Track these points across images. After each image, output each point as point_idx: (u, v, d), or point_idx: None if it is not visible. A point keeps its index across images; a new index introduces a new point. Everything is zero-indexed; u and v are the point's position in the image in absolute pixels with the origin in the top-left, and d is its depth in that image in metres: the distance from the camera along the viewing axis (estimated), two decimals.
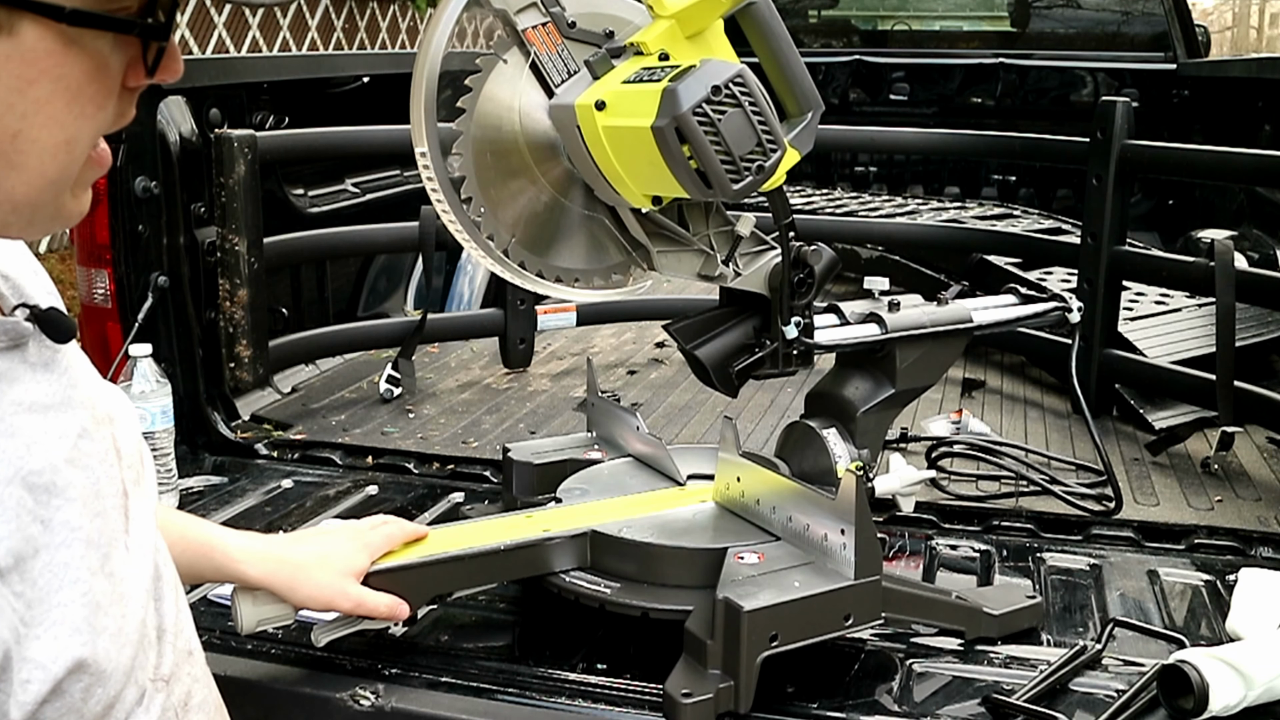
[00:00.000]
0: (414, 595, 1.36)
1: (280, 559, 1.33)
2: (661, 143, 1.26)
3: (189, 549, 1.25)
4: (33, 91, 0.72)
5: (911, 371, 1.61)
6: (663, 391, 2.65)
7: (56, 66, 0.73)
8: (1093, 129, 2.46)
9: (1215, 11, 20.84)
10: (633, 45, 1.42)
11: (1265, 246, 3.23)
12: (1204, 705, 1.23)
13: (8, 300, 0.86)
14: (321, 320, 2.83)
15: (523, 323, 2.78)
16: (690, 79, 1.26)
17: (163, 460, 1.82)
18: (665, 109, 1.25)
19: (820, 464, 1.56)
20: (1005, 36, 4.72)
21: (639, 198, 1.41)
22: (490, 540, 1.42)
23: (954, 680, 1.35)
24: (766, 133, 1.29)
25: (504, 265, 1.44)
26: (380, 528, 1.43)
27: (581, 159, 1.41)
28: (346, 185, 3.05)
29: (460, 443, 2.25)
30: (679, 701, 1.20)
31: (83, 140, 0.77)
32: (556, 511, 1.53)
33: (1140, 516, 1.92)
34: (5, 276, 0.88)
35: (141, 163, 2.22)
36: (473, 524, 1.52)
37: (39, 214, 0.78)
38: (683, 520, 1.50)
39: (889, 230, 3.24)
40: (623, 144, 1.33)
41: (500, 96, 1.42)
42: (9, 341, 0.81)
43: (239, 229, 2.24)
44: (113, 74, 0.76)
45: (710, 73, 1.27)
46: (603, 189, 1.44)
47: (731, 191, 1.29)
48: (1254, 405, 2.18)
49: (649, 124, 1.26)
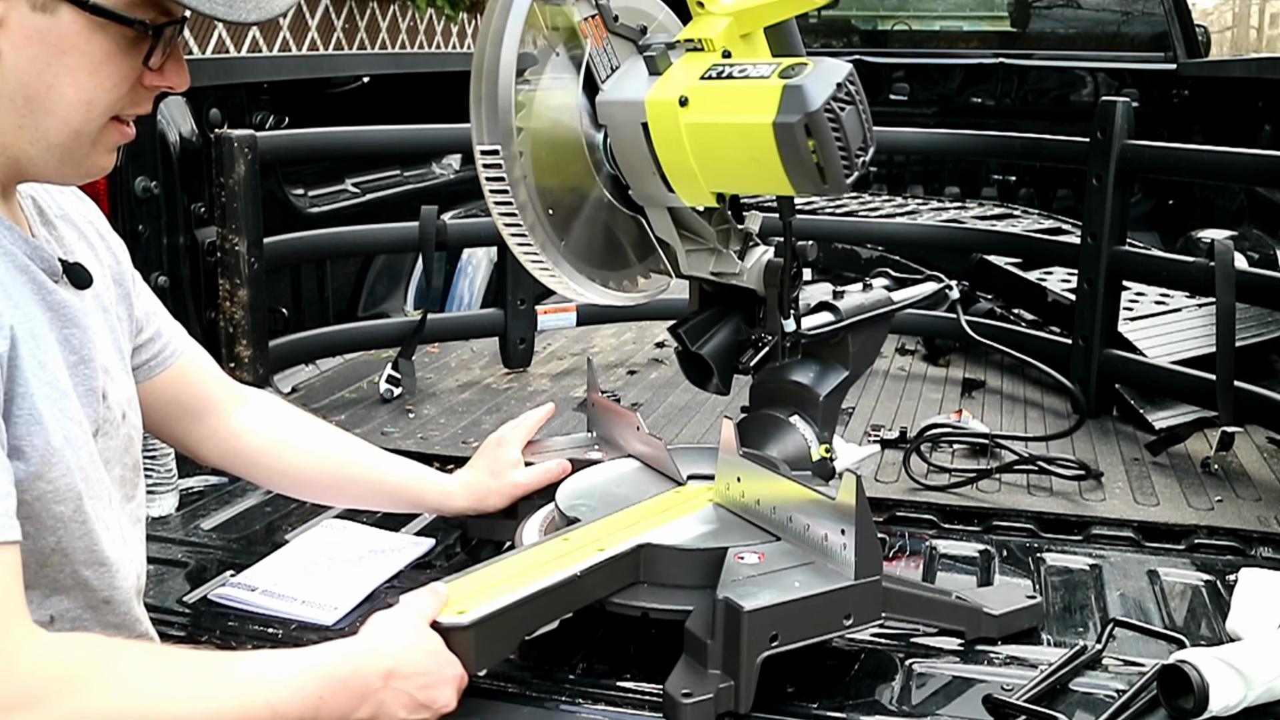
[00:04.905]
0: (511, 637, 1.26)
1: (469, 484, 1.61)
2: (786, 139, 1.27)
3: (403, 492, 1.59)
4: (65, 59, 0.98)
5: (861, 354, 1.64)
6: (663, 391, 2.65)
7: (84, 43, 0.98)
8: (1093, 129, 2.46)
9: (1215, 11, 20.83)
10: (688, 41, 1.41)
11: (1265, 246, 3.23)
12: (1204, 705, 1.23)
13: (54, 248, 1.12)
14: (321, 320, 2.84)
15: (523, 323, 2.78)
16: (814, 77, 1.28)
17: (163, 460, 1.82)
18: (792, 105, 1.26)
19: (790, 451, 1.57)
20: (1005, 36, 4.72)
21: (704, 195, 1.40)
22: (552, 568, 1.30)
23: (954, 680, 1.35)
24: (870, 129, 1.32)
25: (557, 270, 1.41)
26: (510, 435, 1.66)
27: (632, 156, 1.39)
28: (346, 185, 3.05)
29: (460, 443, 2.25)
30: (679, 701, 1.20)
31: (99, 104, 1.01)
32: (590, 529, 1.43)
33: (1140, 516, 1.92)
34: (55, 229, 1.15)
35: (142, 163, 2.22)
36: (517, 556, 1.38)
37: (68, 158, 1.03)
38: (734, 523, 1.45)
39: (889, 230, 3.24)
40: (712, 140, 1.33)
41: (554, 92, 1.38)
42: (49, 273, 1.07)
43: (239, 229, 2.24)
44: (129, 61, 1.01)
45: (832, 71, 1.29)
46: (648, 188, 1.42)
47: (844, 186, 1.31)
48: (1254, 405, 2.18)
49: (769, 120, 1.27)
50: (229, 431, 1.46)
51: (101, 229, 1.25)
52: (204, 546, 1.72)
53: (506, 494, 1.62)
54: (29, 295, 1.04)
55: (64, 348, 1.07)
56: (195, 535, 1.76)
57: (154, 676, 0.98)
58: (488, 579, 1.29)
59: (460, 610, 1.20)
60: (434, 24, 8.53)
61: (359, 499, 1.64)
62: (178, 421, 1.42)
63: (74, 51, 0.98)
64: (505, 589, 1.26)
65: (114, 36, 0.99)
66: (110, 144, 1.06)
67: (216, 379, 1.47)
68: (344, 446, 1.58)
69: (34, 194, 1.15)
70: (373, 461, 1.59)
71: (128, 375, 1.23)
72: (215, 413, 1.45)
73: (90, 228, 1.23)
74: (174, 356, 1.37)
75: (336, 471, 1.55)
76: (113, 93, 1.01)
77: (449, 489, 1.62)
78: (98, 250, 1.22)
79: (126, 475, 1.19)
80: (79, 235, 1.19)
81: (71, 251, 1.15)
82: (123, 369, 1.21)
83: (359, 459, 1.58)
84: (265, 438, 1.49)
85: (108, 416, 1.13)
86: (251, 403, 1.51)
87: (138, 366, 1.31)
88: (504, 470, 1.63)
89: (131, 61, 1.01)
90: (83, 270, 1.12)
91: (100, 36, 0.98)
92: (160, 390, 1.36)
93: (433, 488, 1.62)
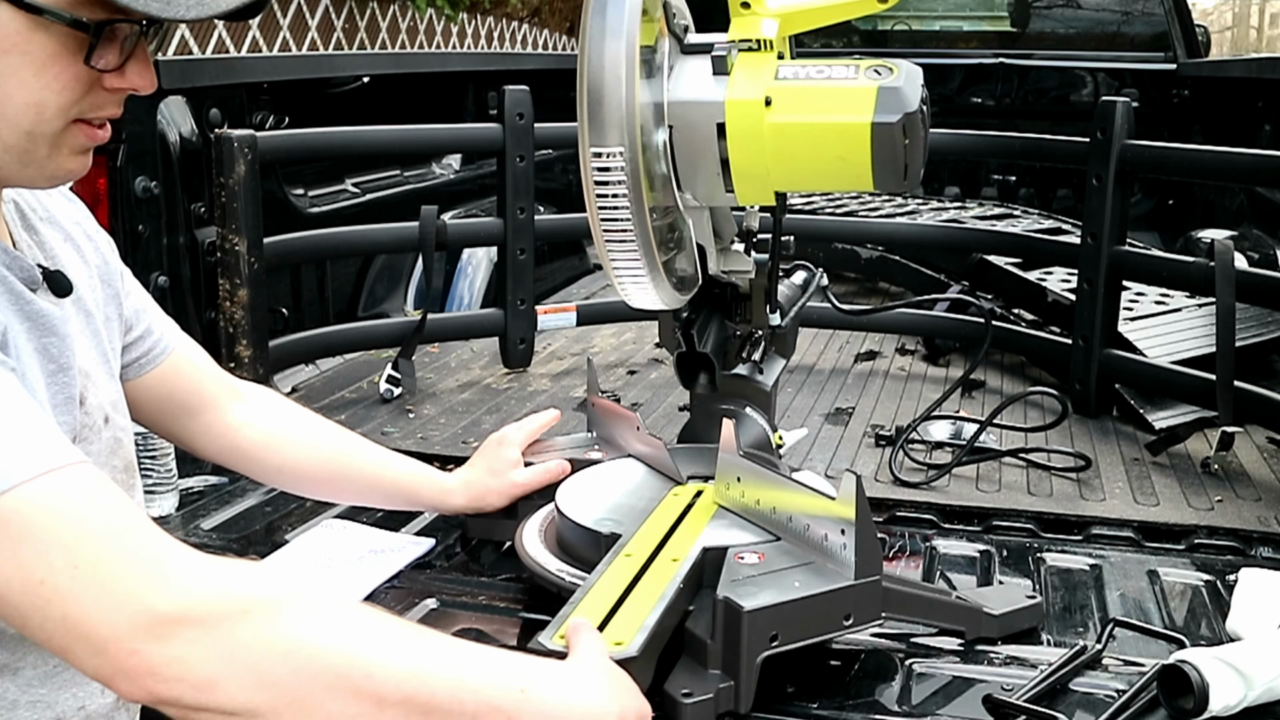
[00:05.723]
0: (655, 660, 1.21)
1: (467, 482, 1.62)
2: (884, 138, 1.32)
3: (400, 488, 1.59)
4: (7, 59, 0.94)
5: (790, 343, 1.73)
6: (663, 391, 2.65)
7: (25, 43, 0.94)
8: (1093, 129, 2.45)
9: (1215, 11, 20.85)
10: (743, 41, 1.42)
11: (1265, 246, 3.23)
12: (1204, 705, 1.23)
13: (36, 254, 1.11)
14: (321, 320, 2.83)
15: (523, 323, 2.78)
16: (906, 81, 1.34)
17: (163, 460, 1.82)
18: (890, 106, 1.32)
19: (752, 440, 1.62)
20: (1005, 36, 4.72)
21: (765, 194, 1.43)
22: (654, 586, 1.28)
23: (954, 680, 1.35)
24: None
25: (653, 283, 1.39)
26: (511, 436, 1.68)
27: (697, 155, 1.40)
28: (346, 185, 3.05)
29: (460, 443, 2.25)
30: (679, 701, 1.20)
31: (49, 106, 0.97)
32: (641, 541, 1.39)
33: (1140, 516, 1.92)
34: (38, 234, 1.13)
35: (142, 163, 2.22)
36: (605, 578, 1.31)
37: (28, 161, 1.00)
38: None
39: (889, 230, 3.24)
40: (797, 139, 1.37)
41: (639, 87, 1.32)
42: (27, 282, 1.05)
43: (239, 229, 2.24)
44: (78, 61, 0.96)
45: (917, 75, 1.36)
46: (704, 187, 1.43)
47: (919, 183, 1.39)
48: (1254, 405, 2.18)
49: (866, 121, 1.32)
50: (224, 427, 1.46)
51: (89, 229, 1.24)
52: (204, 546, 1.70)
53: (505, 493, 1.62)
54: (6, 305, 1.02)
55: (42, 357, 1.06)
56: (195, 535, 1.76)
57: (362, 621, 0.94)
58: (602, 605, 1.24)
59: (618, 642, 1.17)
60: (434, 24, 8.53)
61: (356, 495, 1.64)
62: (172, 418, 1.42)
63: (15, 51, 0.94)
64: (636, 613, 1.23)
65: (57, 36, 0.95)
66: (76, 147, 1.02)
67: (211, 374, 1.46)
68: (341, 442, 1.58)
69: (17, 198, 1.14)
70: (370, 458, 1.59)
71: (112, 379, 1.22)
72: (210, 408, 1.45)
73: (77, 228, 1.22)
74: (166, 353, 1.37)
75: (333, 467, 1.55)
76: (63, 94, 0.97)
77: (447, 487, 1.62)
78: (84, 250, 1.21)
79: (117, 477, 1.18)
80: (65, 237, 1.19)
81: (54, 256, 1.14)
82: (106, 373, 1.20)
83: (356, 455, 1.58)
84: (261, 433, 1.49)
85: (86, 422, 1.13)
86: (248, 398, 1.51)
87: (129, 364, 1.31)
88: (503, 470, 1.63)
89: (81, 60, 0.97)
90: (63, 278, 1.11)
91: (42, 36, 0.95)
92: (154, 387, 1.36)
93: (430, 485, 1.62)
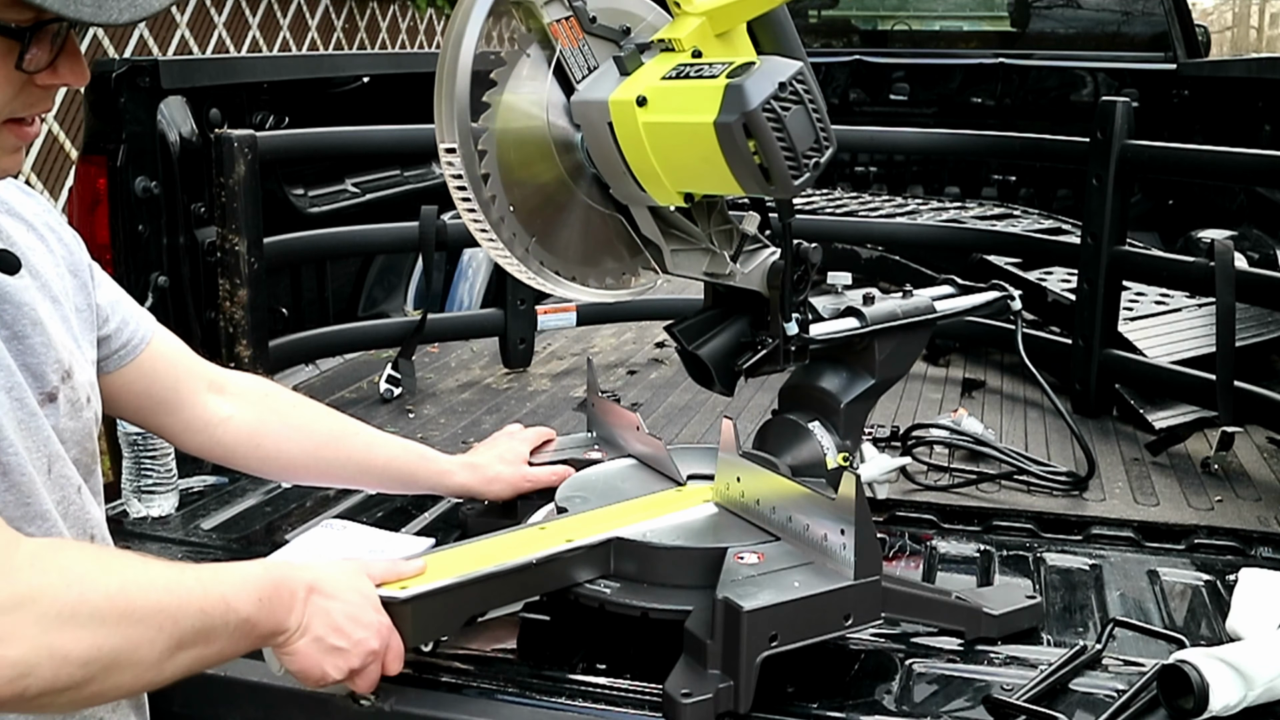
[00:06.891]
0: (453, 617, 1.31)
1: (473, 465, 1.63)
2: (726, 139, 1.25)
3: (392, 471, 1.59)
4: None
5: (889, 362, 1.62)
6: (663, 391, 2.65)
7: None
8: (1093, 129, 2.46)
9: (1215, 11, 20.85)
10: (661, 41, 1.40)
11: (1265, 246, 3.23)
12: (1204, 705, 1.23)
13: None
14: (321, 320, 2.83)
15: (523, 323, 2.78)
16: (756, 76, 1.26)
17: (163, 460, 1.82)
18: (731, 105, 1.24)
19: (807, 457, 1.56)
20: (1005, 36, 4.72)
21: (670, 195, 1.39)
22: (515, 555, 1.36)
23: (954, 680, 1.35)
24: (823, 130, 1.30)
25: (525, 266, 1.43)
26: (520, 433, 1.73)
27: (606, 156, 1.39)
28: (346, 185, 3.04)
29: (460, 443, 2.25)
30: (679, 701, 1.20)
31: None
32: (570, 521, 1.47)
33: (1140, 516, 1.92)
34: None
35: (142, 163, 2.22)
36: (490, 540, 1.44)
37: None
38: (700, 522, 1.47)
39: (889, 230, 3.24)
40: (667, 140, 1.32)
41: (523, 92, 1.39)
42: None
43: (239, 229, 2.24)
44: (5, 64, 0.97)
45: (775, 70, 1.27)
46: (625, 187, 1.42)
47: (792, 188, 1.29)
48: (1254, 405, 2.18)
49: (710, 120, 1.25)
50: (204, 423, 1.45)
51: (52, 222, 1.25)
52: (204, 546, 1.72)
53: (514, 484, 1.62)
54: None
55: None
56: (195, 535, 1.76)
57: (133, 569, 1.04)
58: (456, 559, 1.34)
59: (402, 586, 1.26)
60: (434, 24, 8.54)
61: (348, 479, 1.63)
62: (152, 414, 1.42)
63: None
64: (459, 570, 1.31)
65: None
66: (8, 146, 1.04)
67: (189, 367, 1.45)
68: (328, 427, 1.56)
69: None
70: (360, 440, 1.58)
71: (89, 364, 1.23)
72: (189, 404, 1.44)
73: (40, 221, 1.23)
74: (143, 344, 1.36)
75: (320, 454, 1.54)
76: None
77: (444, 467, 1.61)
78: (49, 242, 1.22)
79: (85, 459, 1.20)
80: (27, 229, 1.20)
81: (13, 242, 1.16)
82: (82, 357, 1.21)
83: (345, 438, 1.57)
84: (244, 425, 1.48)
85: (72, 397, 1.15)
86: (229, 389, 1.49)
87: (107, 357, 1.31)
88: (515, 460, 1.64)
89: (12, 63, 0.98)
90: (10, 255, 1.12)
91: None
92: (132, 382, 1.36)
93: (427, 465, 1.61)
